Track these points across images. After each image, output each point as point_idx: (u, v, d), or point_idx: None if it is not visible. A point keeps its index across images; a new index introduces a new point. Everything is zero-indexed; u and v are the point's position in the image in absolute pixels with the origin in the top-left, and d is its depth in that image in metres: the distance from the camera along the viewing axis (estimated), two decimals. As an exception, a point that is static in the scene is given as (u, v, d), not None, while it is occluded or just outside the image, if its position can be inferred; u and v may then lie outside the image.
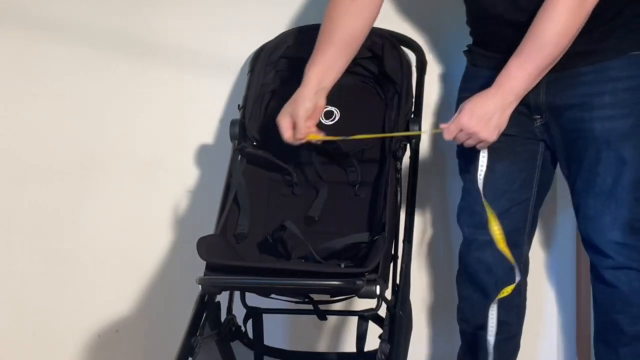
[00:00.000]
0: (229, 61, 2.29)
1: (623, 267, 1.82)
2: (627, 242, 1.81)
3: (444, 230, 2.30)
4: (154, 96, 2.33)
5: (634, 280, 1.82)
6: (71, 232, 2.36)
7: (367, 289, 1.59)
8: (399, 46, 2.07)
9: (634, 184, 1.80)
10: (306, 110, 1.83)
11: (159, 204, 2.33)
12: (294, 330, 2.33)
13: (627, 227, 1.81)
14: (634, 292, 1.83)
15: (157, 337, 2.33)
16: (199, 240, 1.70)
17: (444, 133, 1.76)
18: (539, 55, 1.70)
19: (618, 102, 1.79)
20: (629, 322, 1.84)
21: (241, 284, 1.74)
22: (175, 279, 2.30)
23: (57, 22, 2.30)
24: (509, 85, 1.72)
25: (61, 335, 2.36)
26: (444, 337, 2.34)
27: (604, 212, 1.82)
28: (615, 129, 1.79)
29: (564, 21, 1.68)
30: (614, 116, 1.79)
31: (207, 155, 2.31)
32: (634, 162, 1.80)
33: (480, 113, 1.72)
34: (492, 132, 1.73)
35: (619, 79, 1.79)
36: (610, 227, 1.82)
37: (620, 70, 1.79)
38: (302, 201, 1.98)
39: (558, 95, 1.82)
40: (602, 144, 1.80)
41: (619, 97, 1.79)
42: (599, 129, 1.79)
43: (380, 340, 1.71)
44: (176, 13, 2.31)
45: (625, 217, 1.81)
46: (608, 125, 1.79)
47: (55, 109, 2.34)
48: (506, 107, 1.73)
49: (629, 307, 1.84)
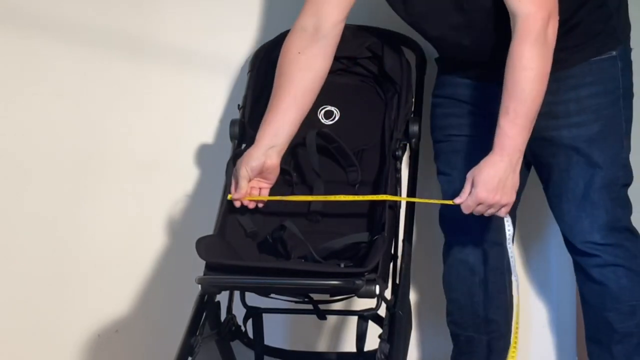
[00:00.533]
0: (229, 61, 2.29)
1: (610, 265, 1.85)
2: (610, 242, 1.84)
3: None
4: (153, 96, 2.33)
5: (621, 278, 1.85)
6: (71, 232, 2.36)
7: (366, 288, 1.59)
8: (398, 46, 2.07)
9: (607, 186, 1.83)
10: (251, 170, 1.81)
11: (159, 204, 2.33)
12: (294, 330, 2.33)
13: (606, 229, 1.84)
14: (622, 289, 1.85)
15: (157, 337, 2.33)
16: (198, 240, 1.70)
17: (462, 208, 1.75)
18: (524, 107, 1.71)
19: (583, 109, 1.82)
20: (619, 319, 1.86)
21: (241, 283, 1.74)
22: (174, 279, 2.30)
23: (56, 22, 2.30)
24: (510, 144, 1.72)
25: (61, 335, 2.36)
26: (444, 337, 2.33)
27: (580, 216, 1.85)
28: (583, 135, 1.83)
29: (536, 67, 1.69)
30: (581, 123, 1.83)
31: (206, 155, 2.31)
32: (605, 165, 1.83)
33: (495, 182, 1.72)
34: (511, 195, 1.74)
35: (582, 85, 1.82)
36: (589, 230, 1.85)
37: (582, 77, 1.82)
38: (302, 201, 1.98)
39: None
40: (571, 150, 1.84)
41: (584, 104, 1.82)
42: (567, 136, 1.83)
43: (380, 340, 1.72)
44: (176, 13, 2.31)
45: (603, 219, 1.84)
46: (575, 132, 1.83)
47: (55, 109, 2.34)
48: (515, 166, 1.73)
49: (618, 304, 1.86)
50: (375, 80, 2.07)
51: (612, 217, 1.85)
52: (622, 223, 1.87)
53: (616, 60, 1.84)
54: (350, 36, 2.09)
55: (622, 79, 1.85)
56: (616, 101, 1.85)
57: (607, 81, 1.84)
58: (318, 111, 2.04)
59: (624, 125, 1.87)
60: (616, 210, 1.85)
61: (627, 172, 1.89)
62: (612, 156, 1.85)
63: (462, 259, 2.00)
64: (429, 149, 2.19)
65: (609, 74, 1.84)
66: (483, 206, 1.73)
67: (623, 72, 1.85)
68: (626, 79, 1.87)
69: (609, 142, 1.84)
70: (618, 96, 1.85)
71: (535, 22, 1.68)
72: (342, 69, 2.09)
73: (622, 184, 1.87)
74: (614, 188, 1.85)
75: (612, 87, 1.84)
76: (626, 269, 1.85)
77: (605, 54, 1.83)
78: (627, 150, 1.88)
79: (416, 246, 1.89)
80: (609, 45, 1.84)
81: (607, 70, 1.84)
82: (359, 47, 2.07)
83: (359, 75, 2.08)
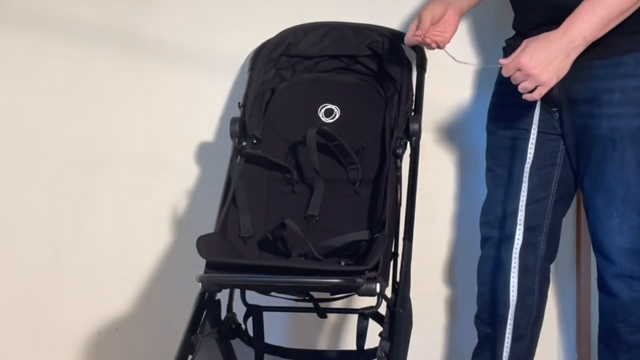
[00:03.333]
0: (230, 59, 2.29)
1: (626, 276, 1.78)
2: (635, 248, 1.76)
3: (445, 228, 2.30)
4: (154, 94, 2.33)
5: (636, 291, 1.78)
6: (71, 230, 2.36)
7: (367, 286, 1.59)
8: (399, 44, 2.07)
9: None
10: (435, 15, 1.87)
11: (160, 201, 2.33)
12: (294, 328, 2.33)
13: (635, 233, 1.76)
14: (636, 301, 1.79)
15: (157, 335, 2.33)
16: (198, 239, 1.69)
17: (503, 70, 1.69)
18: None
19: (627, 101, 1.73)
20: (628, 331, 1.81)
21: (241, 281, 1.73)
22: (175, 277, 2.30)
23: (57, 22, 2.30)
24: (578, 28, 1.65)
25: (61, 333, 2.36)
26: (444, 336, 2.34)
27: (611, 214, 1.77)
28: (622, 128, 1.74)
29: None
30: (622, 114, 1.74)
31: (207, 153, 2.31)
32: (638, 163, 1.74)
33: (542, 55, 1.64)
34: (551, 76, 1.65)
35: (631, 76, 1.73)
36: (618, 230, 1.77)
37: (634, 67, 1.73)
38: (302, 199, 1.98)
39: (572, 89, 1.77)
40: (608, 143, 1.75)
41: (628, 96, 1.73)
42: (606, 127, 1.74)
43: (381, 338, 1.71)
44: (177, 12, 2.31)
45: (635, 222, 1.76)
46: (615, 124, 1.74)
47: (56, 108, 2.34)
48: (571, 51, 1.65)
49: (629, 316, 1.80)
50: (375, 78, 2.07)
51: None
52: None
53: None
54: (351, 35, 2.09)
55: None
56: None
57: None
58: (318, 109, 2.04)
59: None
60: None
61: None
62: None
63: (492, 255, 1.95)
64: (429, 147, 2.20)
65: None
66: (521, 74, 1.66)
67: None
68: None
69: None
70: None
71: None
72: (343, 67, 2.10)
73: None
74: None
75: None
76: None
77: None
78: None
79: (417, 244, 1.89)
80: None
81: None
82: (360, 46, 2.07)
83: (360, 74, 2.08)
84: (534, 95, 1.68)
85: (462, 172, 2.30)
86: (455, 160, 2.29)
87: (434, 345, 2.33)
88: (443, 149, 2.27)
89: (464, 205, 2.30)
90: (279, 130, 2.05)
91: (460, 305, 2.31)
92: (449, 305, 2.32)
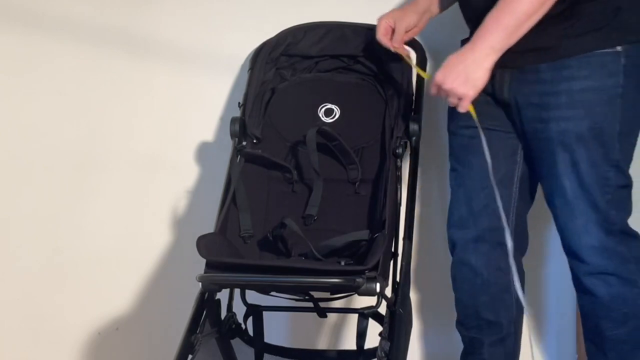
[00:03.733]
0: (230, 59, 2.29)
1: (600, 273, 1.78)
2: (604, 245, 1.76)
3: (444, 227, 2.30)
4: (154, 94, 2.34)
5: (612, 286, 1.78)
6: (71, 229, 2.36)
7: (367, 286, 1.59)
8: None
9: (597, 186, 1.75)
10: (406, 26, 1.94)
11: (159, 201, 2.33)
12: (294, 328, 2.34)
13: (601, 230, 1.76)
14: (614, 297, 1.78)
15: (157, 335, 2.33)
16: (198, 238, 1.69)
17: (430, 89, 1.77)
18: (514, 5, 1.68)
19: (574, 103, 1.74)
20: (611, 327, 1.80)
21: (241, 281, 1.74)
22: (175, 277, 2.30)
23: (57, 21, 2.30)
24: (485, 39, 1.71)
25: (61, 332, 2.36)
26: (444, 336, 2.34)
27: (573, 216, 1.79)
28: (570, 130, 1.74)
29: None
30: (570, 117, 1.75)
31: (207, 153, 2.31)
32: (591, 164, 1.75)
33: (456, 70, 1.71)
34: (468, 89, 1.71)
35: (576, 78, 1.74)
36: (584, 230, 1.78)
37: (578, 69, 1.73)
38: (302, 198, 1.98)
39: (520, 93, 1.80)
40: (557, 146, 1.76)
41: (575, 98, 1.74)
42: (555, 130, 1.76)
43: (380, 338, 1.71)
44: (177, 11, 2.31)
45: (596, 220, 1.76)
46: (563, 126, 1.75)
47: (56, 108, 2.34)
48: (483, 61, 1.71)
49: (609, 312, 1.79)
50: (375, 78, 2.07)
51: (606, 219, 1.76)
52: (617, 226, 1.77)
53: (619, 57, 1.72)
54: (350, 35, 2.09)
55: (625, 77, 1.72)
56: (612, 99, 1.73)
57: (604, 77, 1.72)
58: (318, 109, 2.04)
59: (619, 127, 1.74)
60: (610, 212, 1.76)
61: (621, 173, 1.77)
62: (600, 156, 1.74)
63: (464, 259, 1.96)
64: (430, 147, 2.20)
65: (608, 70, 1.72)
66: (442, 91, 1.74)
67: (628, 70, 1.73)
68: (631, 78, 1.74)
69: (599, 141, 1.74)
70: (616, 95, 1.72)
71: None
72: (343, 67, 2.10)
73: (618, 185, 1.77)
74: (607, 189, 1.76)
75: (610, 84, 1.72)
76: (617, 277, 1.77)
77: (608, 49, 1.72)
78: (623, 152, 1.77)
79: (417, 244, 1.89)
80: (615, 40, 1.72)
81: (607, 66, 1.72)
82: (360, 46, 2.07)
83: (360, 74, 2.08)
84: (459, 109, 1.75)
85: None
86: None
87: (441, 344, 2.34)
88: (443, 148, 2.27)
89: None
90: (279, 130, 2.06)
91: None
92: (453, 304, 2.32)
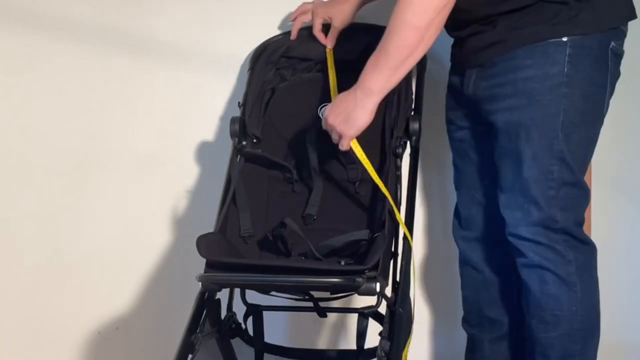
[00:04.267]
0: (230, 59, 2.29)
1: (536, 266, 1.75)
2: (538, 240, 1.73)
3: (444, 227, 2.30)
4: (154, 94, 2.34)
5: (547, 283, 1.74)
6: (71, 229, 2.36)
7: (367, 286, 1.58)
8: None
9: (539, 180, 1.72)
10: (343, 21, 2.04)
11: (159, 201, 2.33)
12: (294, 328, 2.34)
13: (538, 225, 1.73)
14: (546, 296, 1.74)
15: (157, 335, 2.33)
16: (198, 238, 1.69)
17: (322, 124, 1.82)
18: (389, 53, 1.72)
19: (517, 93, 1.73)
20: (540, 329, 1.76)
21: (241, 281, 1.74)
22: (175, 277, 2.30)
23: (57, 21, 2.30)
24: (365, 82, 1.76)
25: (61, 332, 2.36)
26: (444, 336, 2.34)
27: (513, 207, 1.77)
28: (515, 120, 1.73)
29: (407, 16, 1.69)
30: (514, 107, 1.74)
31: (207, 153, 2.31)
32: (534, 155, 1.72)
33: (339, 109, 1.78)
34: (347, 128, 1.77)
35: (521, 68, 1.73)
36: (521, 222, 1.75)
37: (524, 59, 1.73)
38: (302, 198, 1.98)
39: (479, 88, 1.82)
40: (503, 135, 1.76)
41: (519, 87, 1.73)
42: (501, 120, 1.76)
43: (380, 338, 1.71)
44: (177, 11, 2.31)
45: (535, 215, 1.73)
46: (508, 116, 1.75)
47: (56, 107, 2.34)
48: (365, 103, 1.75)
49: (541, 311, 1.76)
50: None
51: (546, 215, 1.72)
52: (559, 224, 1.73)
53: (565, 47, 1.70)
54: (349, 34, 2.09)
55: (571, 66, 1.70)
56: (555, 88, 1.70)
57: (547, 66, 1.70)
58: (319, 109, 2.04)
59: (563, 116, 1.71)
60: (552, 209, 1.72)
61: (567, 169, 1.73)
62: (543, 147, 1.71)
63: (467, 258, 1.99)
64: (430, 146, 2.20)
65: (552, 58, 1.70)
66: (328, 126, 1.80)
67: (574, 60, 1.70)
68: (577, 68, 1.70)
69: (541, 131, 1.71)
70: (559, 83, 1.70)
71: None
72: (343, 67, 2.09)
73: (564, 182, 1.73)
74: (550, 184, 1.72)
75: (554, 72, 1.70)
76: (553, 274, 1.73)
77: (553, 39, 1.71)
78: (571, 145, 1.72)
79: (417, 244, 1.89)
80: (562, 31, 1.71)
81: (551, 55, 1.71)
82: (360, 47, 2.07)
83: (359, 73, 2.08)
84: (340, 147, 1.81)
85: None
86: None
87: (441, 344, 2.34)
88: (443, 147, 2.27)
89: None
90: (278, 130, 2.06)
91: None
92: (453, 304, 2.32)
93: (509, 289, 1.94)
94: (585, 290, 1.76)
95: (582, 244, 1.77)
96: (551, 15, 1.72)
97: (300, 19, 2.10)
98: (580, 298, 1.75)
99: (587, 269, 1.77)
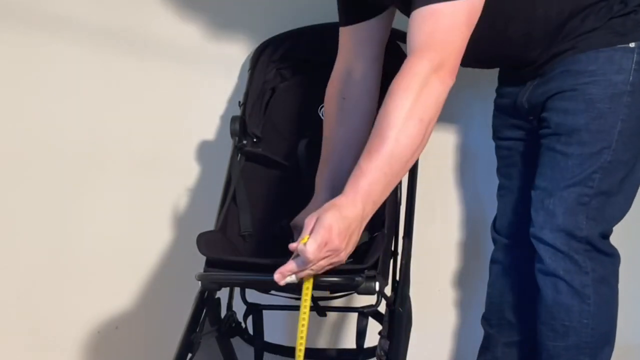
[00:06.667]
0: (230, 58, 2.29)
1: (551, 275, 1.70)
2: (559, 248, 1.68)
3: (444, 226, 2.30)
4: (154, 93, 2.34)
5: (560, 293, 1.70)
6: (71, 228, 2.36)
7: (366, 285, 1.58)
8: (395, 42, 2.06)
9: (573, 186, 1.67)
10: None
11: (159, 200, 2.33)
12: (294, 327, 2.31)
13: (560, 231, 1.68)
14: (557, 304, 1.70)
15: (157, 334, 2.33)
16: (198, 236, 1.69)
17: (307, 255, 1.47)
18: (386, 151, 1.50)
19: (576, 97, 1.67)
20: (549, 337, 1.73)
21: (241, 280, 1.73)
22: (175, 275, 2.30)
23: (57, 20, 2.30)
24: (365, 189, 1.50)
25: (60, 331, 2.36)
26: (444, 335, 2.34)
27: (541, 208, 1.71)
28: (567, 123, 1.68)
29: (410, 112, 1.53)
30: (569, 110, 1.68)
31: (207, 152, 2.32)
32: (576, 160, 1.67)
33: (342, 227, 1.47)
34: (349, 251, 1.52)
35: (583, 72, 1.68)
36: (546, 225, 1.70)
37: (586, 64, 1.67)
38: (302, 198, 1.98)
39: (533, 95, 1.78)
40: (553, 137, 1.71)
41: (578, 92, 1.67)
42: (554, 122, 1.70)
43: (380, 337, 1.71)
44: (177, 10, 2.31)
45: (559, 221, 1.68)
46: (562, 118, 1.69)
47: (56, 106, 2.34)
48: (364, 219, 1.52)
49: (551, 320, 1.72)
50: (375, 77, 2.06)
51: (571, 222, 1.67)
52: (582, 233, 1.67)
53: (632, 53, 1.65)
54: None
55: (636, 74, 1.65)
56: (617, 97, 1.65)
57: (611, 73, 1.65)
58: (319, 109, 2.04)
59: (621, 125, 1.65)
60: (579, 217, 1.67)
61: (608, 178, 1.67)
62: (593, 154, 1.66)
63: (498, 258, 1.96)
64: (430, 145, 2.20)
65: (618, 65, 1.65)
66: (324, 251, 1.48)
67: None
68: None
69: (595, 138, 1.66)
70: (622, 92, 1.65)
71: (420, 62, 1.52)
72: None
73: (600, 191, 1.67)
74: (587, 191, 1.67)
75: (618, 80, 1.65)
76: (567, 284, 1.68)
77: (619, 45, 1.66)
78: (623, 155, 1.67)
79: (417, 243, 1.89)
80: (629, 37, 1.66)
81: (617, 61, 1.65)
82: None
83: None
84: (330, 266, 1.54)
85: (460, 171, 2.30)
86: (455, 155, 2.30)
87: (441, 343, 2.34)
88: (443, 147, 2.27)
89: (463, 205, 2.31)
90: (279, 129, 2.06)
91: (464, 304, 2.32)
92: (453, 304, 2.32)
93: (534, 297, 1.85)
94: (600, 304, 1.70)
95: (604, 256, 1.71)
96: (614, 22, 1.67)
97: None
98: (593, 312, 1.70)
99: (605, 281, 1.71)
